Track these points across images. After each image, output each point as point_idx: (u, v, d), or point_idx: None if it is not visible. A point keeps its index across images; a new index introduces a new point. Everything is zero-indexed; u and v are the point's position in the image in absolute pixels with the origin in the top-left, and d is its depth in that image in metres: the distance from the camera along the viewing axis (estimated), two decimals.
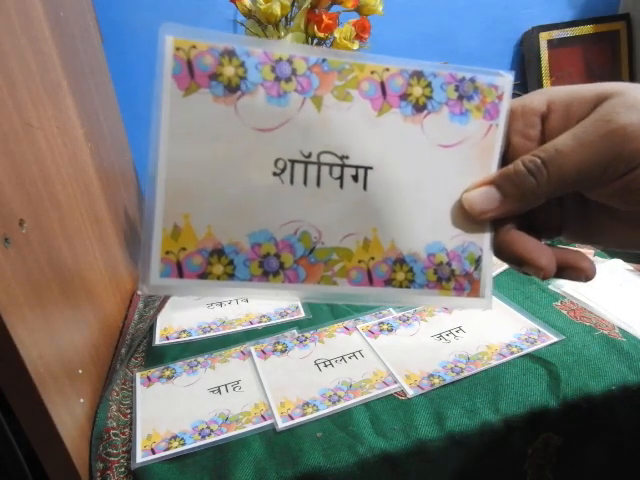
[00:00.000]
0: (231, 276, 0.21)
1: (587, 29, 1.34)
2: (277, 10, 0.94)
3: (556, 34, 1.34)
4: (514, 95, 0.23)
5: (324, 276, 0.22)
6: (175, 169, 0.21)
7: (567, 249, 0.23)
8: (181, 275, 0.21)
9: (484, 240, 0.24)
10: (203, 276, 0.21)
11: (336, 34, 0.95)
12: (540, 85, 1.36)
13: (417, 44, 1.32)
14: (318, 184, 0.22)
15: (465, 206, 0.23)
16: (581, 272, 0.23)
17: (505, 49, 1.40)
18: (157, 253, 0.21)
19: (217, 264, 0.21)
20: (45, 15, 0.50)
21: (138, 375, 0.52)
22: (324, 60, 0.22)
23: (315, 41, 0.97)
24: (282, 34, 0.99)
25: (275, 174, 0.22)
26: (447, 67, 0.23)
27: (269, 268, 0.22)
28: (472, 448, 0.42)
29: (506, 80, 0.23)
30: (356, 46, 0.98)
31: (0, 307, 0.31)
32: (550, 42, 1.34)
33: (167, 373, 0.52)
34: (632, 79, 1.39)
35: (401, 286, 0.23)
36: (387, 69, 0.22)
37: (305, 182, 0.22)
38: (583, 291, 0.60)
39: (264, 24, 1.00)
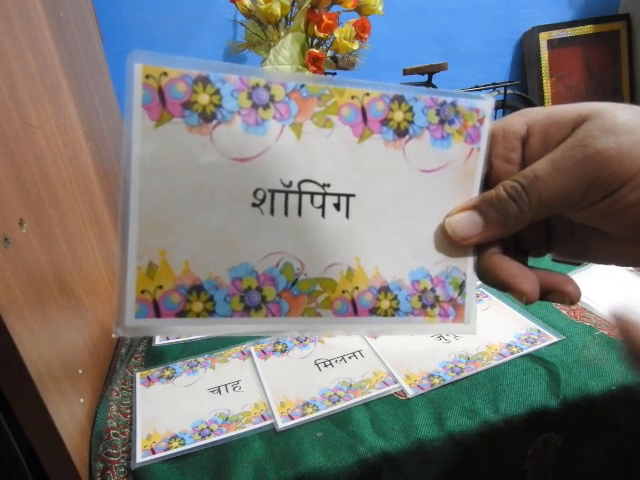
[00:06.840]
0: (211, 312, 0.21)
1: (587, 29, 1.34)
2: (277, 10, 0.94)
3: (556, 34, 1.34)
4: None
5: (308, 308, 0.22)
6: (148, 204, 0.20)
7: (552, 272, 0.23)
8: (158, 314, 0.20)
9: (467, 265, 0.23)
10: (182, 314, 0.20)
11: (336, 34, 0.95)
12: (540, 85, 1.36)
13: (417, 44, 1.32)
14: (299, 214, 0.21)
15: (448, 231, 0.23)
16: (565, 296, 0.22)
17: (505, 49, 1.40)
18: (132, 293, 0.20)
19: (196, 301, 0.20)
20: (45, 15, 0.50)
21: (138, 375, 0.52)
22: (303, 86, 0.21)
23: (315, 41, 0.97)
24: (282, 34, 0.99)
25: (254, 205, 0.21)
26: (428, 91, 0.22)
27: (251, 302, 0.21)
28: (472, 448, 0.42)
29: (487, 103, 0.23)
30: (356, 46, 0.98)
31: (0, 307, 0.31)
32: (550, 42, 1.34)
33: (167, 373, 0.52)
34: (632, 79, 1.39)
35: (386, 314, 0.23)
36: (367, 94, 0.22)
37: (286, 212, 0.21)
38: (583, 291, 0.60)
39: (264, 24, 1.00)
